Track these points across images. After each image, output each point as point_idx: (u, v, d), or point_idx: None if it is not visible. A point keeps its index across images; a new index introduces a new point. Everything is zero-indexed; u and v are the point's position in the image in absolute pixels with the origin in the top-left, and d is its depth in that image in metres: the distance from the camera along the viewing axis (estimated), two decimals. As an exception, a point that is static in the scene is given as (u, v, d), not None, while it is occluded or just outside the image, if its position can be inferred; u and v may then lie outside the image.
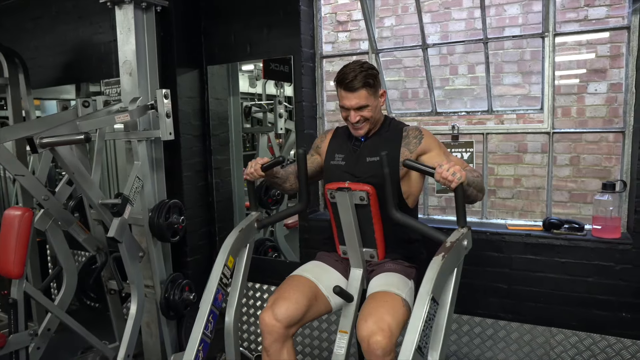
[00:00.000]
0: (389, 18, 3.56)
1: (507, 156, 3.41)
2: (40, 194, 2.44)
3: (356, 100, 1.84)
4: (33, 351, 2.54)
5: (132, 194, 2.47)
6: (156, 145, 2.62)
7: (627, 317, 2.20)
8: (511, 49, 3.31)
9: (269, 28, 2.77)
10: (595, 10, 3.02)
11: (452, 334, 2.53)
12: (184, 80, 2.88)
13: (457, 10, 3.34)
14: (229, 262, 1.85)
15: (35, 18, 3.55)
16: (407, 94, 3.62)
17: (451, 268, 1.55)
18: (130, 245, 2.46)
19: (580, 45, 3.14)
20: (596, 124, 3.17)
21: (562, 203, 3.30)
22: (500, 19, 3.32)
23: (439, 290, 1.49)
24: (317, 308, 1.87)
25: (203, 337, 1.76)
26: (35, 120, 2.86)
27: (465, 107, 3.34)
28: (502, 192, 3.45)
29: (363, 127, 1.90)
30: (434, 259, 1.49)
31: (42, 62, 3.54)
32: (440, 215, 2.90)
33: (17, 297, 2.32)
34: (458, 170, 1.53)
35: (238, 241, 1.90)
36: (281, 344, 1.79)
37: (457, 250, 1.57)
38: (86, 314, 3.06)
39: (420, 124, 3.21)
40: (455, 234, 1.61)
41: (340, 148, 2.00)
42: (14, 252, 2.30)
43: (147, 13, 2.59)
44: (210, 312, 1.79)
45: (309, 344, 2.90)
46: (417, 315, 1.42)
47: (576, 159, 3.26)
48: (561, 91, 3.23)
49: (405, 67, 3.57)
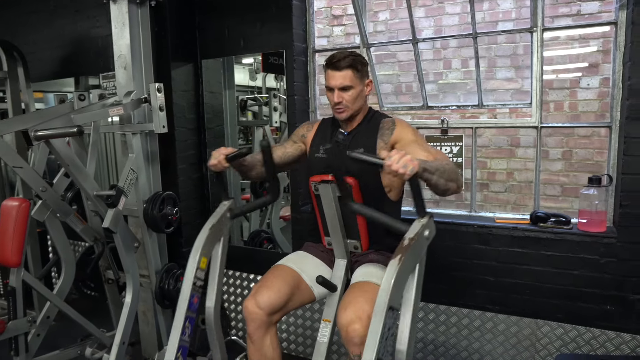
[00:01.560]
0: (384, 12, 3.58)
1: (500, 150, 3.42)
2: (38, 186, 2.50)
3: (340, 80, 1.88)
4: (33, 338, 2.61)
5: (127, 186, 2.52)
6: (151, 138, 2.66)
7: (612, 310, 2.23)
8: (504, 43, 3.32)
9: (262, 23, 2.81)
10: (588, 5, 3.02)
11: (440, 325, 2.57)
12: (179, 74, 2.92)
13: (450, 5, 3.35)
14: (201, 265, 1.84)
15: (33, 12, 3.60)
16: (401, 87, 3.64)
17: (412, 266, 1.50)
18: (125, 236, 2.51)
19: (573, 40, 3.14)
20: (588, 118, 3.18)
21: (554, 197, 3.31)
22: (494, 13, 3.33)
23: (399, 295, 1.44)
24: (300, 297, 1.92)
25: (181, 344, 1.79)
26: (32, 114, 2.91)
27: (459, 101, 3.35)
28: (494, 186, 3.47)
29: (345, 110, 1.92)
30: (390, 264, 1.41)
31: (41, 56, 3.59)
32: (434, 209, 2.90)
33: (15, 285, 2.39)
34: (409, 161, 1.42)
35: (210, 239, 1.86)
36: (264, 330, 1.85)
37: (417, 246, 1.50)
38: (86, 303, 3.13)
39: (414, 118, 3.25)
40: (415, 227, 1.52)
41: (324, 141, 2.03)
42: (12, 242, 2.36)
43: (142, 8, 2.62)
44: (186, 319, 1.81)
45: (294, 332, 2.97)
46: (374, 330, 1.35)
47: (568, 153, 3.28)
48: (554, 86, 3.24)
49: (399, 61, 3.58)
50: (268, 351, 1.88)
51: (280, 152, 2.08)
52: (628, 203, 2.16)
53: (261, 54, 3.32)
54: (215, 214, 1.92)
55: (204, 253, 1.85)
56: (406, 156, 1.42)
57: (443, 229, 2.50)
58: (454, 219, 2.54)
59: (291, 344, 2.99)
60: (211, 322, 1.90)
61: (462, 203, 2.97)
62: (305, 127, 2.15)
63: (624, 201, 2.17)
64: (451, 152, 2.58)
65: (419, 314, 2.60)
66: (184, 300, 1.81)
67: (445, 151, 2.58)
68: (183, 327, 1.80)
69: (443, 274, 2.53)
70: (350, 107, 1.92)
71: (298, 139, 2.14)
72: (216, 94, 3.15)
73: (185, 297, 1.81)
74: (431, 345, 2.60)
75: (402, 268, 1.41)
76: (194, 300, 1.83)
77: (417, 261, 1.52)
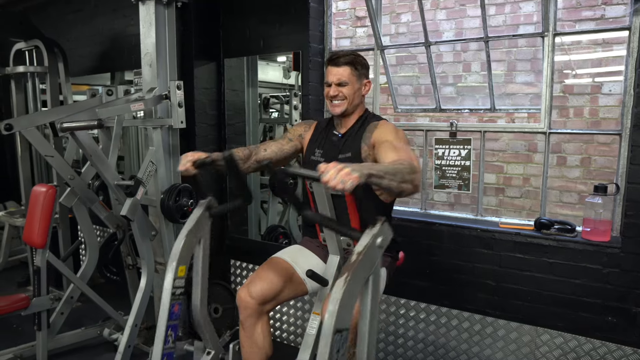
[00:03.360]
0: (406, 14, 3.59)
1: (517, 155, 3.37)
2: (67, 174, 2.69)
3: (338, 76, 1.95)
4: (57, 316, 2.83)
5: (146, 177, 2.67)
6: (173, 132, 2.79)
7: (613, 322, 2.19)
8: (525, 47, 3.27)
9: (280, 24, 2.90)
10: (612, 9, 2.93)
11: (441, 326, 2.59)
12: (201, 72, 3.06)
13: (472, 7, 3.32)
14: (180, 273, 1.88)
15: (77, 10, 3.84)
16: (420, 89, 3.64)
17: (362, 281, 1.43)
18: (142, 224, 2.66)
19: (595, 44, 3.05)
20: (609, 125, 3.08)
21: (571, 205, 3.23)
22: (515, 16, 3.28)
23: (347, 317, 1.38)
24: (293, 289, 2.00)
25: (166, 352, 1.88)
26: (63, 107, 3.11)
27: (477, 104, 3.33)
28: (510, 191, 3.42)
29: (340, 105, 1.98)
30: (335, 285, 1.35)
31: (82, 52, 3.83)
32: (448, 212, 2.90)
33: (40, 265, 2.59)
34: (347, 175, 1.34)
35: (187, 246, 1.87)
36: (255, 318, 1.94)
37: (367, 259, 1.42)
38: (110, 287, 3.35)
39: (432, 120, 3.26)
40: (363, 240, 1.44)
41: (320, 143, 2.09)
42: (38, 224, 2.56)
43: (168, 8, 2.76)
44: (168, 328, 1.88)
45: (287, 322, 3.08)
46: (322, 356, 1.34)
47: (587, 160, 3.19)
48: (574, 91, 3.16)
49: (419, 63, 3.59)
50: (259, 338, 1.97)
51: (275, 148, 2.13)
52: (633, 213, 2.11)
53: (292, 53, 3.41)
54: (191, 218, 1.92)
55: (182, 261, 1.88)
56: (344, 170, 1.36)
57: (446, 232, 2.54)
58: (458, 222, 2.54)
59: (284, 333, 3.10)
60: (199, 319, 1.99)
61: (467, 207, 2.96)
62: (303, 127, 2.20)
63: (629, 211, 2.12)
64: (459, 156, 2.58)
65: (420, 314, 2.63)
66: (164, 310, 1.87)
67: (454, 154, 2.59)
68: (165, 336, 1.87)
69: (445, 276, 2.54)
70: (345, 102, 1.97)
71: (295, 137, 2.18)
72: (238, 91, 3.26)
73: (165, 308, 1.86)
74: (432, 347, 2.62)
75: (349, 288, 1.35)
76: (175, 309, 1.89)
77: (369, 274, 1.45)
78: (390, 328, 2.72)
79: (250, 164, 2.08)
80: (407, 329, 2.67)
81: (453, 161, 2.59)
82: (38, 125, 2.49)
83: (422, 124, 2.84)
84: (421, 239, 2.60)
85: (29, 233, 2.59)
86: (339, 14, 3.70)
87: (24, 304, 2.57)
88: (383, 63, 2.77)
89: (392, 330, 2.72)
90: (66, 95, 3.53)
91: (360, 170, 1.40)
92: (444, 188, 2.65)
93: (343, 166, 1.37)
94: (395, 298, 2.69)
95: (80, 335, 2.96)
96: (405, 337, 2.68)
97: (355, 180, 1.35)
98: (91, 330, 3.00)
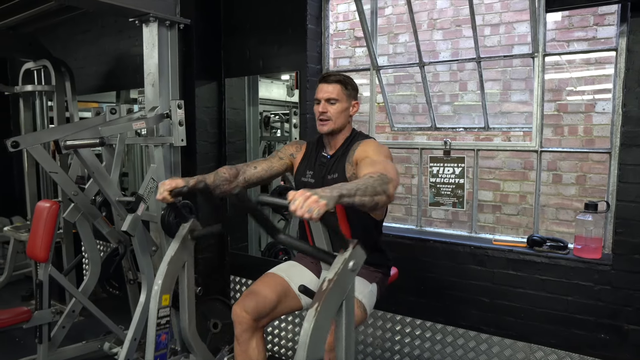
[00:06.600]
0: (403, 35, 3.67)
1: (514, 172, 3.40)
2: (71, 190, 2.77)
3: (328, 93, 2.02)
4: (58, 330, 2.87)
5: (147, 194, 2.73)
6: (174, 150, 2.86)
7: (605, 339, 2.20)
8: (519, 66, 3.33)
9: (279, 45, 2.98)
10: (604, 30, 2.99)
11: (436, 343, 2.60)
12: (202, 91, 3.14)
13: (467, 28, 3.39)
14: (164, 302, 1.90)
15: (85, 31, 3.96)
16: (418, 108, 3.70)
17: (335, 308, 1.44)
18: (142, 240, 2.72)
19: (588, 63, 3.10)
20: (603, 143, 3.11)
21: (567, 222, 3.26)
22: (510, 36, 3.35)
23: (320, 345, 1.39)
24: (287, 304, 2.03)
25: None
26: (68, 125, 3.19)
27: (473, 123, 3.38)
28: (507, 209, 3.45)
29: (327, 124, 2.03)
30: (307, 317, 1.35)
31: (89, 71, 3.94)
32: (445, 229, 2.92)
33: (42, 279, 2.65)
34: (314, 203, 1.32)
35: (170, 274, 1.90)
36: (250, 333, 1.97)
37: (338, 285, 1.42)
38: (112, 301, 3.39)
39: (429, 138, 3.31)
40: (335, 265, 1.44)
41: (309, 165, 2.14)
42: (41, 239, 2.63)
43: (171, 30, 2.85)
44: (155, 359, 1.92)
45: (282, 336, 3.11)
46: None
47: (582, 178, 3.22)
48: (568, 109, 3.21)
49: (416, 83, 3.65)
50: (253, 353, 1.99)
51: (265, 166, 2.18)
52: (622, 230, 2.14)
53: (295, 72, 3.49)
54: (172, 246, 1.96)
55: (165, 291, 1.91)
56: (311, 197, 1.33)
57: (441, 249, 2.57)
58: (452, 239, 2.58)
59: (281, 348, 3.13)
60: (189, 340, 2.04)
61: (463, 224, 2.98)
62: (295, 147, 2.25)
63: (619, 228, 2.15)
64: (453, 173, 2.62)
65: (415, 331, 2.65)
66: (150, 343, 1.91)
67: (448, 172, 2.63)
68: None
69: (440, 293, 2.57)
70: (333, 120, 2.03)
71: (286, 156, 2.22)
72: (239, 110, 3.34)
73: (151, 340, 1.90)
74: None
75: (320, 317, 1.35)
76: (162, 339, 1.92)
77: (341, 299, 1.45)
78: (385, 344, 2.74)
79: (238, 182, 2.11)
80: (403, 345, 2.69)
81: (447, 179, 2.64)
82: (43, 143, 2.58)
83: (418, 142, 2.89)
84: (416, 256, 2.63)
85: (33, 247, 2.66)
86: (338, 34, 3.78)
87: (26, 317, 2.62)
88: (379, 82, 2.83)
89: (388, 347, 2.74)
90: (72, 113, 3.62)
91: (330, 193, 1.39)
92: (439, 205, 2.69)
93: (311, 193, 1.35)
94: (390, 314, 2.71)
95: (81, 349, 3.00)
96: (400, 353, 2.70)
97: (322, 207, 1.33)
98: (92, 344, 3.04)
